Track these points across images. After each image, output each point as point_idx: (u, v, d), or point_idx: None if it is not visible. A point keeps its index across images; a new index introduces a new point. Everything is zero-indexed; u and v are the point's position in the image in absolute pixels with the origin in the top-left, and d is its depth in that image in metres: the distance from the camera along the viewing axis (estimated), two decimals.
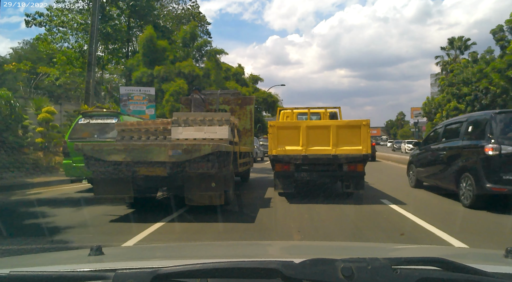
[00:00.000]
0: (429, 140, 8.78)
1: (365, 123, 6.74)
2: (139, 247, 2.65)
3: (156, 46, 25.71)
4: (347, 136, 6.77)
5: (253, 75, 46.03)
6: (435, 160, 7.97)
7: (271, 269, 0.85)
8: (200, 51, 31.98)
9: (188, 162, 5.30)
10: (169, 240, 4.56)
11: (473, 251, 2.16)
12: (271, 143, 6.91)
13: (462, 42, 43.53)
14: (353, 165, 6.84)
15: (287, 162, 6.92)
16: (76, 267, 1.19)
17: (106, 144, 5.75)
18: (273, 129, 6.95)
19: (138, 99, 17.48)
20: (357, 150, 6.70)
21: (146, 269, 0.88)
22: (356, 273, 0.82)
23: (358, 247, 2.14)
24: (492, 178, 5.85)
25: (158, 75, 25.23)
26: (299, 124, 7.04)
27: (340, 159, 6.75)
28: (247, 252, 1.85)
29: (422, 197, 7.88)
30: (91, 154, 5.39)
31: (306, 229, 5.04)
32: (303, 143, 6.81)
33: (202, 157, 5.27)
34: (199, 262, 0.91)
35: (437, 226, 4.93)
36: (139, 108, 17.21)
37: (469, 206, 6.21)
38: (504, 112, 6.31)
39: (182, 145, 5.34)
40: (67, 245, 4.19)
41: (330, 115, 9.45)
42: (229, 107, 9.97)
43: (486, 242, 4.44)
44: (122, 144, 5.56)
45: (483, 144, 6.05)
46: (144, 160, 5.30)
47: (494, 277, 0.92)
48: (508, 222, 5.39)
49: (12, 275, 0.91)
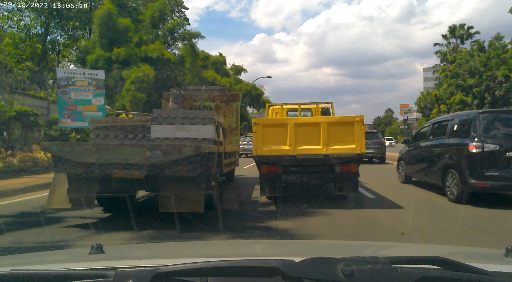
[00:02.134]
0: (418, 138, 9.07)
1: (358, 120, 6.24)
2: (140, 246, 2.65)
3: (117, 25, 21.67)
4: (339, 134, 6.28)
5: (236, 66, 41.70)
6: (423, 156, 8.30)
7: (271, 268, 0.85)
8: (173, 34, 27.44)
9: (166, 164, 4.80)
10: None
11: (474, 250, 2.16)
12: (256, 143, 6.34)
13: (465, 30, 40.03)
14: (346, 165, 6.39)
15: (274, 163, 6.41)
16: (77, 265, 1.20)
17: (77, 144, 5.40)
18: (257, 127, 6.34)
19: (81, 84, 13.73)
20: (350, 149, 6.24)
21: (146, 267, 0.88)
22: (356, 272, 0.82)
23: (358, 245, 2.15)
24: (476, 174, 6.19)
25: (117, 58, 21.29)
26: (286, 121, 6.46)
27: (332, 159, 6.28)
28: (248, 251, 1.85)
29: (409, 192, 8.23)
30: (60, 155, 4.87)
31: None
32: (291, 142, 6.28)
33: (183, 159, 4.78)
34: (199, 260, 0.91)
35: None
36: (84, 96, 13.68)
37: (455, 200, 6.55)
38: (487, 111, 6.83)
39: (161, 146, 4.87)
40: (68, 243, 4.20)
41: (322, 111, 8.99)
42: (214, 104, 9.53)
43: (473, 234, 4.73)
44: (94, 144, 5.09)
45: (467, 142, 6.40)
46: (119, 161, 4.79)
47: (495, 276, 0.92)
48: (491, 215, 5.73)
49: (13, 273, 0.92)
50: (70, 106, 13.70)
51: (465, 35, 39.96)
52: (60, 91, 13.54)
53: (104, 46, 21.56)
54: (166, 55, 23.44)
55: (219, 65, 35.96)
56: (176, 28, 27.27)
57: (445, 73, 35.75)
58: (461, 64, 32.14)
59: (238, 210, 6.29)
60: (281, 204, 6.51)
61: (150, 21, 25.07)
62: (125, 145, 5.03)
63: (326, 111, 9.07)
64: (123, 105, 20.48)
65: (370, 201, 6.97)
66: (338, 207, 6.28)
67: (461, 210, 6.07)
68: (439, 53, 42.52)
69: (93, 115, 13.89)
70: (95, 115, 13.89)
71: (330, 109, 9.01)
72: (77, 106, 13.61)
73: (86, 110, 14.03)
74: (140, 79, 20.12)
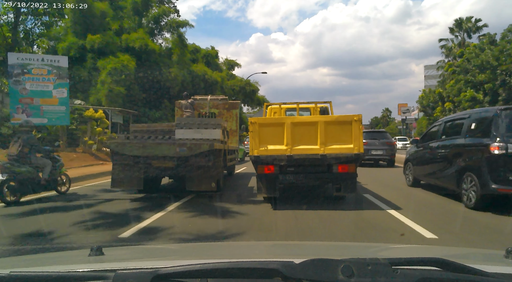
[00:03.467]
0: (427, 138, 8.43)
1: (356, 119, 6.11)
2: (139, 248, 2.65)
3: (92, 10, 19.16)
4: (337, 133, 6.18)
5: (228, 60, 39.06)
6: (434, 158, 7.71)
7: (271, 269, 0.85)
8: (158, 23, 24.95)
9: (190, 157, 6.76)
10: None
11: (473, 251, 2.16)
12: (252, 142, 6.29)
13: (472, 23, 37.77)
14: (344, 165, 6.28)
15: (270, 163, 6.32)
16: (76, 267, 1.19)
17: (128, 143, 7.04)
18: (254, 127, 6.25)
19: (39, 73, 11.30)
20: (348, 149, 6.14)
21: (146, 269, 0.88)
22: (356, 273, 0.82)
23: (358, 247, 2.14)
24: (498, 178, 5.61)
25: (92, 47, 18.76)
26: (283, 121, 6.39)
27: (329, 159, 6.18)
28: (247, 252, 1.85)
29: (417, 196, 7.70)
30: (116, 150, 6.89)
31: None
32: (287, 142, 6.20)
33: (201, 153, 6.77)
34: (199, 262, 0.91)
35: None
36: (42, 87, 11.42)
37: (473, 207, 5.98)
38: (510, 108, 6.04)
39: (187, 143, 6.84)
40: (67, 245, 4.19)
41: (320, 110, 8.91)
42: (217, 111, 11.48)
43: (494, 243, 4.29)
44: (140, 142, 7.04)
45: (488, 142, 5.78)
46: (157, 154, 6.83)
47: (494, 277, 0.92)
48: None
49: (12, 275, 0.91)
50: (25, 99, 11.31)
51: (472, 28, 37.79)
52: (13, 81, 10.98)
53: (78, 33, 18.93)
54: (151, 45, 21.33)
55: (211, 59, 33.28)
56: (162, 17, 24.36)
57: (452, 68, 33.36)
58: (470, 59, 29.83)
59: (238, 210, 6.30)
60: (278, 205, 6.37)
61: (132, 7, 22.80)
62: (161, 143, 7.04)
63: (324, 110, 9.04)
64: (98, 100, 17.99)
65: (372, 205, 6.58)
66: (337, 209, 6.22)
67: (481, 217, 5.57)
68: (444, 48, 40.50)
69: (54, 110, 11.70)
70: (57, 110, 11.73)
71: (328, 109, 8.94)
72: (34, 99, 11.41)
73: (46, 104, 11.63)
74: (118, 71, 17.73)
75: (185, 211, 6.20)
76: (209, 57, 33.44)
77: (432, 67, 70.75)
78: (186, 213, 6.05)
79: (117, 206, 6.85)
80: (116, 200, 7.28)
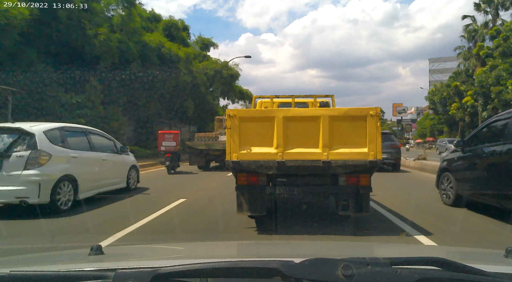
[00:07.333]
0: (478, 139, 6.25)
1: (373, 113, 4.46)
2: (139, 247, 2.65)
3: None
4: (346, 132, 4.59)
5: (202, 38, 31.11)
6: (492, 168, 5.60)
7: (271, 268, 0.85)
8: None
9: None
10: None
11: (474, 251, 2.16)
12: (230, 143, 4.60)
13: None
14: (354, 176, 4.71)
15: (255, 171, 4.68)
16: (76, 266, 1.20)
17: (198, 143, 14.06)
18: (233, 121, 4.57)
19: None
20: (361, 154, 4.51)
21: (146, 268, 0.88)
22: (356, 272, 0.82)
23: (358, 246, 2.14)
24: None
25: None
26: (273, 114, 4.62)
27: (335, 167, 4.53)
28: (247, 252, 1.85)
29: (476, 225, 5.29)
30: (190, 145, 14.34)
31: None
32: (278, 144, 4.54)
33: None
34: (199, 261, 0.92)
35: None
36: None
37: None
38: None
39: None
40: (67, 245, 4.20)
41: (320, 105, 7.45)
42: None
43: None
44: (202, 142, 14.06)
45: None
46: (212, 148, 13.74)
47: (494, 277, 0.92)
48: None
49: (12, 274, 0.91)
50: None
51: (506, 3, 30.15)
52: None
53: None
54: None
55: (175, 31, 25.93)
56: None
57: (484, 51, 26.89)
58: (506, 38, 24.54)
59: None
60: (264, 227, 4.96)
61: None
62: (214, 142, 13.75)
63: (325, 105, 7.62)
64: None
65: (396, 230, 4.80)
66: (346, 233, 4.68)
67: None
68: (467, 31, 33.76)
69: None
70: None
71: (330, 104, 7.48)
72: None
73: None
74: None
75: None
76: (172, 28, 25.44)
77: (439, 60, 68.69)
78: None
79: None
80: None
